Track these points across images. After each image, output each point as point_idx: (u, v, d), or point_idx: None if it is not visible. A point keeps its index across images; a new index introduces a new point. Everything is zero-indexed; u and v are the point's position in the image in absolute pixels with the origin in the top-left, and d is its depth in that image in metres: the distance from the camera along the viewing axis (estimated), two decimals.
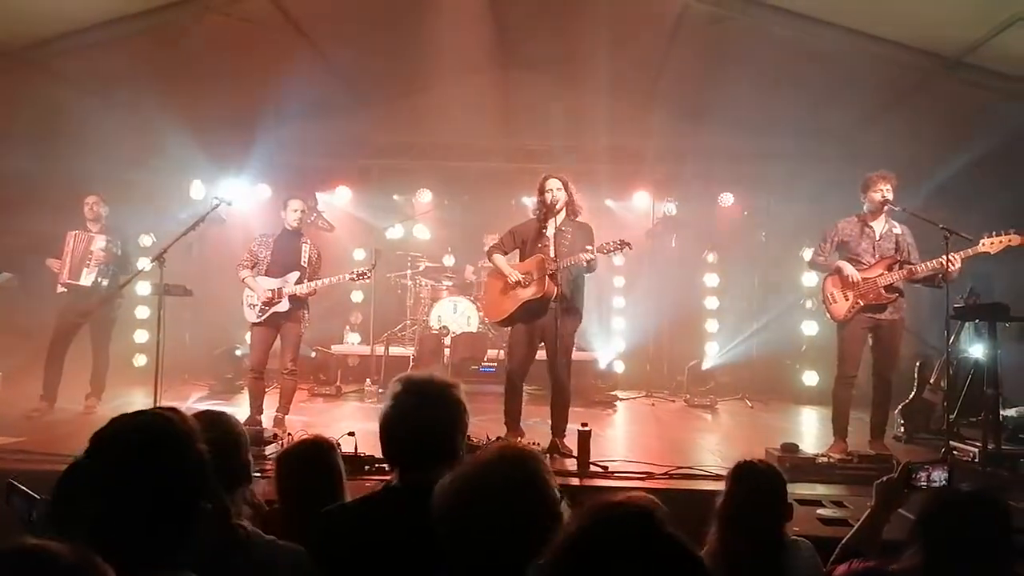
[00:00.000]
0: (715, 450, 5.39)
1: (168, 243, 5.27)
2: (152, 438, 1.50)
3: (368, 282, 6.45)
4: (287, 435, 5.01)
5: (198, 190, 8.92)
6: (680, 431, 6.47)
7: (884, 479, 2.59)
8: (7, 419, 5.65)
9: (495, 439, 4.55)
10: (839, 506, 3.93)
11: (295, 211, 5.83)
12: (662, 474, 4.43)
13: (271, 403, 5.90)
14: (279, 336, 5.79)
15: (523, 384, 5.31)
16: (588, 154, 8.90)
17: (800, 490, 4.10)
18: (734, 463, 2.55)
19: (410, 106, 8.81)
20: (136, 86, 6.94)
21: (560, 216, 5.13)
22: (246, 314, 5.79)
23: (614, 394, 7.83)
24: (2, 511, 2.05)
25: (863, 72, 6.64)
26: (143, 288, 7.88)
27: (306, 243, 5.90)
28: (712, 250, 9.39)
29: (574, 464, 4.53)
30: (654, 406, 7.75)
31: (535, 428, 5.14)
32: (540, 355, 5.32)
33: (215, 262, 8.64)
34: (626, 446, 5.63)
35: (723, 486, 2.52)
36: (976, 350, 5.78)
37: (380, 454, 4.13)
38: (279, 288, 5.68)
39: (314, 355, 8.29)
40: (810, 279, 8.17)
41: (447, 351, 8.05)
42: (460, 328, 8.27)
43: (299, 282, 5.70)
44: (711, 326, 9.27)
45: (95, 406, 6.42)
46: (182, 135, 7.72)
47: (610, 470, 4.48)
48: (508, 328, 5.51)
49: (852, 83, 6.79)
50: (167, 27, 6.52)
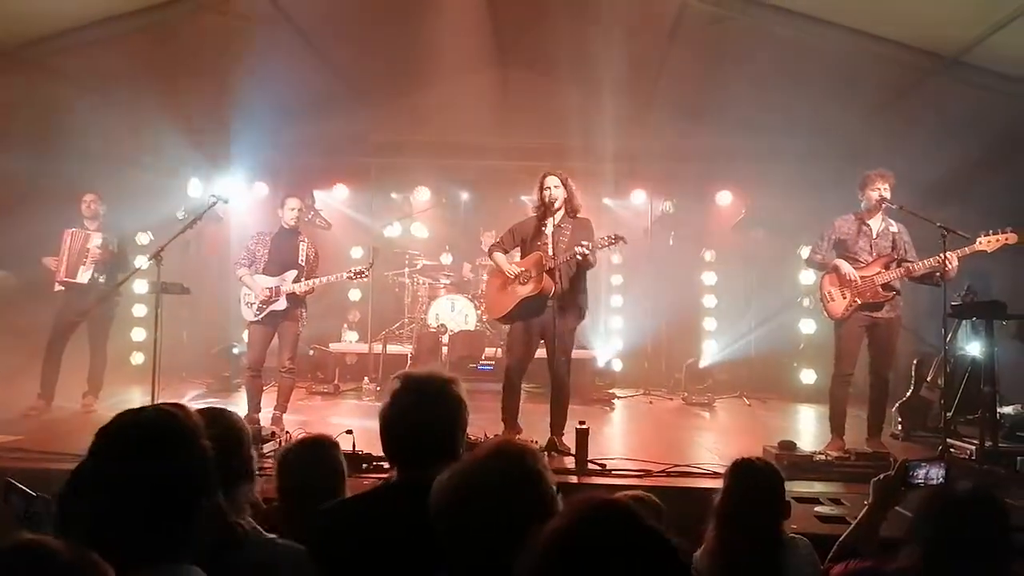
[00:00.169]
0: (713, 448, 5.39)
1: (165, 241, 5.27)
2: (156, 434, 1.50)
3: (366, 280, 6.45)
4: (285, 433, 5.02)
5: (195, 188, 8.91)
6: (678, 429, 6.48)
7: (881, 477, 2.60)
8: (5, 417, 5.65)
9: (493, 437, 4.55)
10: (837, 504, 3.94)
11: (292, 209, 5.83)
12: (660, 472, 4.44)
13: (269, 401, 5.90)
14: (277, 334, 5.78)
15: (521, 382, 5.30)
16: (586, 153, 8.90)
17: (798, 488, 4.11)
18: (732, 461, 2.56)
19: (408, 104, 8.80)
20: (133, 84, 6.93)
21: (559, 214, 5.13)
22: (243, 312, 5.79)
23: (612, 392, 7.83)
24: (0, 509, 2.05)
25: (862, 71, 6.64)
26: (140, 286, 7.91)
27: (303, 241, 5.89)
28: (710, 248, 9.41)
29: (572, 462, 4.54)
30: (652, 404, 7.76)
31: (533, 426, 5.14)
32: (540, 353, 5.32)
33: (213, 260, 8.65)
34: (624, 444, 5.64)
35: (721, 484, 2.53)
36: (973, 348, 5.79)
37: (378, 452, 4.16)
38: (276, 286, 5.67)
39: (312, 353, 8.29)
40: (808, 277, 8.19)
41: (445, 349, 8.05)
42: (458, 326, 8.27)
43: (296, 280, 5.69)
44: (709, 324, 9.29)
45: (92, 404, 6.41)
46: (179, 133, 7.72)
47: (608, 468, 4.49)
48: (507, 326, 5.51)
49: (851, 82, 6.79)
50: (164, 25, 6.51)
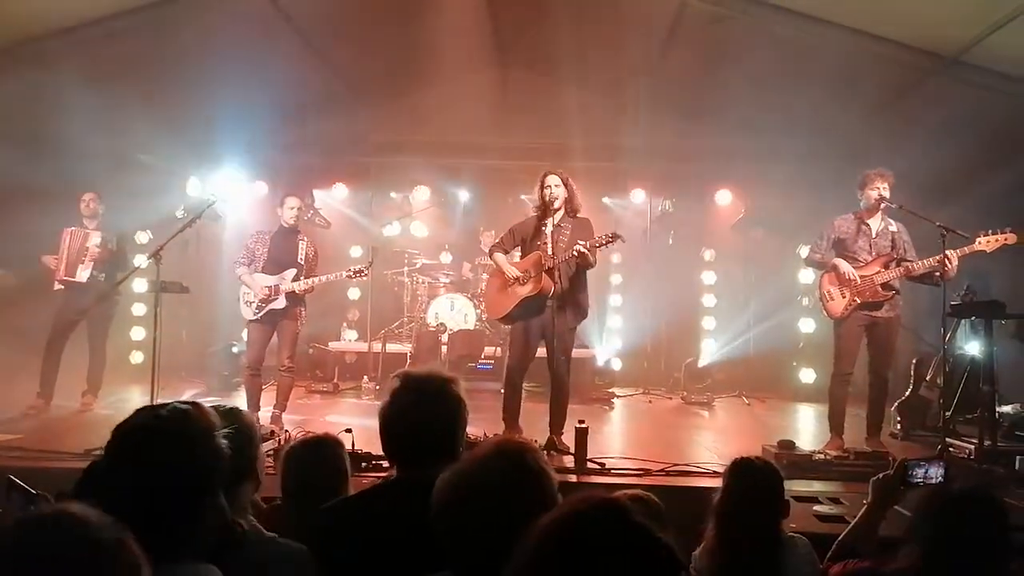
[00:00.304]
0: (712, 447, 5.40)
1: (165, 240, 5.26)
2: (174, 432, 1.52)
3: (365, 279, 6.45)
4: (284, 432, 5.02)
5: (195, 187, 8.91)
6: (677, 428, 6.48)
7: (881, 476, 2.60)
8: (4, 416, 5.65)
9: (493, 436, 4.55)
10: (836, 503, 3.94)
11: (292, 208, 5.83)
12: (659, 471, 4.45)
13: (268, 400, 5.90)
14: (276, 333, 5.78)
15: (523, 381, 5.29)
16: (585, 152, 8.90)
17: (797, 487, 4.12)
18: (731, 460, 2.56)
19: (408, 104, 8.80)
20: (132, 83, 6.92)
21: (559, 213, 5.13)
22: (242, 311, 5.79)
23: (611, 391, 7.84)
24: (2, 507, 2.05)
25: (862, 71, 6.64)
26: (140, 285, 7.91)
27: (303, 240, 5.89)
28: (709, 248, 9.41)
29: (571, 461, 4.54)
30: (651, 403, 7.76)
31: (533, 425, 5.14)
32: (540, 352, 5.32)
33: (212, 259, 8.63)
34: (623, 443, 5.64)
35: (720, 483, 2.53)
36: (972, 347, 5.79)
37: (377, 451, 4.16)
38: (276, 285, 5.67)
39: (311, 352, 8.29)
40: (807, 276, 8.19)
41: (444, 348, 8.05)
42: (457, 325, 8.27)
43: (296, 279, 5.69)
44: (708, 323, 9.29)
45: (92, 403, 6.41)
46: (178, 132, 7.71)
47: (607, 467, 4.49)
48: (507, 325, 5.51)
49: (851, 82, 6.79)
50: (163, 24, 6.50)
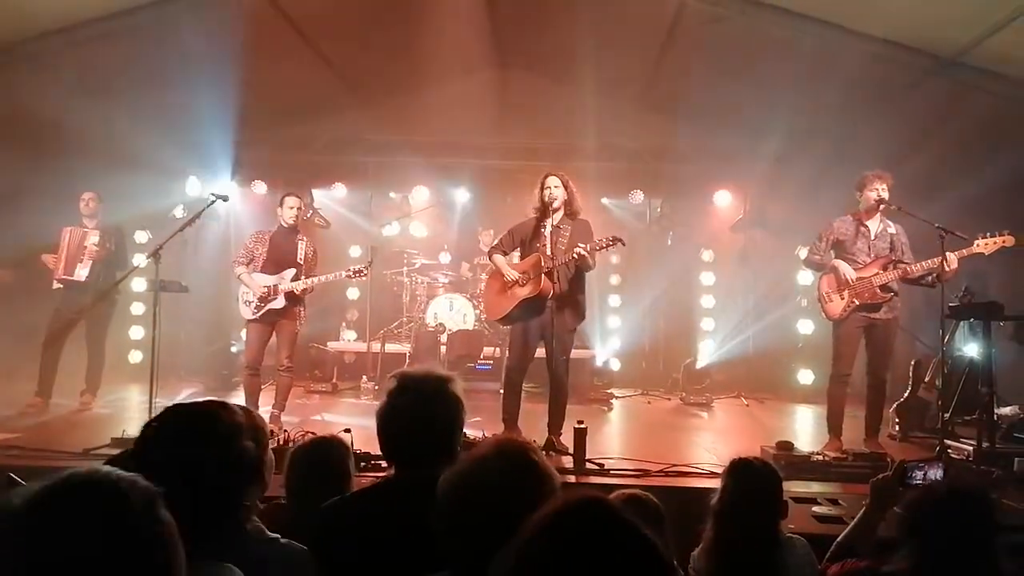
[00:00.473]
0: (710, 448, 5.39)
1: (164, 239, 5.26)
2: (202, 430, 1.53)
3: (364, 279, 6.45)
4: (283, 432, 5.01)
5: (194, 187, 8.91)
6: (676, 429, 6.48)
7: (880, 477, 2.60)
8: (2, 415, 5.65)
9: (491, 435, 4.55)
10: (834, 504, 3.93)
11: (291, 208, 5.82)
12: (658, 472, 4.44)
13: (267, 400, 5.89)
14: (275, 333, 5.77)
15: (522, 382, 5.29)
16: (584, 152, 8.91)
17: (795, 488, 4.12)
18: (729, 461, 2.56)
19: (407, 104, 8.79)
20: (132, 82, 6.92)
21: (558, 214, 5.13)
22: (241, 311, 5.78)
23: (610, 392, 7.85)
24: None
25: (860, 72, 6.65)
26: (139, 284, 7.91)
27: (302, 240, 5.89)
28: (708, 249, 9.42)
29: (570, 462, 4.54)
30: (650, 404, 7.76)
31: (532, 425, 5.14)
32: (539, 353, 5.32)
33: (211, 259, 8.63)
34: (622, 444, 5.64)
35: (719, 483, 2.53)
36: (971, 349, 5.79)
37: (376, 451, 4.15)
38: (275, 285, 5.66)
39: (311, 352, 8.28)
40: (806, 277, 8.19)
41: (443, 348, 8.05)
42: (456, 325, 8.27)
43: (295, 279, 5.69)
44: (707, 324, 9.30)
45: (90, 403, 6.41)
46: (178, 131, 7.70)
47: (606, 468, 4.49)
48: (506, 326, 5.51)
49: (849, 83, 6.79)
50: (162, 24, 6.50)
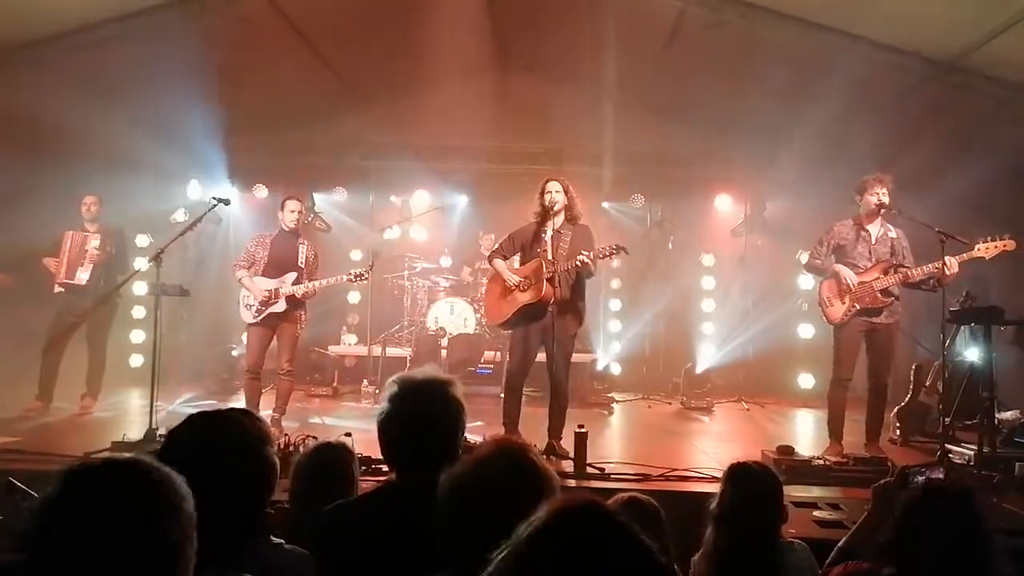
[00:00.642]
0: (711, 452, 5.39)
1: (165, 243, 5.27)
2: (228, 438, 1.54)
3: (365, 283, 6.45)
4: (284, 436, 5.01)
5: (195, 190, 8.92)
6: (676, 433, 6.47)
7: (882, 482, 2.61)
8: (3, 419, 5.64)
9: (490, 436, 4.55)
10: (835, 508, 3.93)
11: (292, 212, 5.83)
12: (658, 476, 4.44)
13: (267, 404, 5.89)
14: (276, 337, 5.77)
15: (522, 386, 5.29)
16: (585, 156, 8.92)
17: (796, 492, 4.11)
18: (728, 465, 2.56)
19: (408, 107, 8.82)
20: (134, 86, 6.93)
21: (559, 218, 5.14)
22: (242, 314, 5.78)
23: (611, 396, 7.84)
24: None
25: (860, 76, 6.65)
26: (140, 288, 7.91)
27: (303, 244, 5.89)
28: (708, 253, 9.42)
29: (571, 466, 4.54)
30: (651, 408, 7.75)
31: (532, 429, 5.14)
32: (540, 357, 5.32)
33: (212, 262, 8.63)
34: (623, 448, 5.64)
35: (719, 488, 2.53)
36: (972, 353, 5.79)
37: (376, 455, 4.15)
38: (275, 288, 5.67)
39: (312, 355, 8.28)
40: (806, 282, 8.19)
41: (444, 352, 8.05)
42: (457, 329, 8.27)
43: (296, 283, 5.69)
44: (707, 328, 9.29)
45: (91, 406, 6.40)
46: (179, 135, 7.71)
47: (607, 472, 4.49)
48: (507, 331, 5.51)
49: (849, 87, 6.80)
50: (164, 28, 6.51)
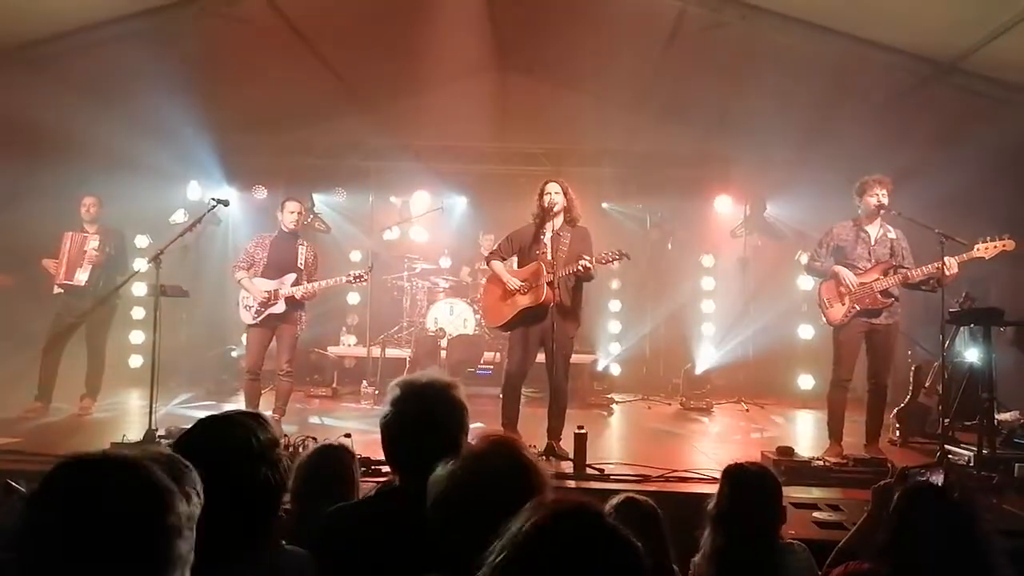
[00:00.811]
0: (711, 453, 5.39)
1: (165, 244, 5.27)
2: (241, 443, 1.55)
3: (365, 284, 6.45)
4: (283, 437, 5.01)
5: (195, 191, 8.92)
6: (676, 434, 6.46)
7: (881, 483, 2.61)
8: (2, 420, 5.64)
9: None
10: (835, 509, 3.93)
11: (292, 212, 5.83)
12: (658, 477, 4.44)
13: (267, 404, 5.89)
14: (275, 338, 5.77)
15: (521, 387, 5.30)
16: (585, 157, 8.92)
17: (796, 494, 4.12)
18: (724, 466, 2.56)
19: (408, 108, 8.82)
20: (133, 87, 6.93)
21: (558, 220, 5.14)
22: (242, 316, 5.78)
23: (610, 397, 7.84)
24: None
25: (860, 77, 6.66)
26: (139, 289, 7.90)
27: (302, 245, 5.89)
28: (708, 254, 9.42)
29: (570, 467, 4.54)
30: (650, 409, 7.75)
31: (532, 430, 5.14)
32: (539, 358, 5.32)
33: (211, 263, 8.63)
34: (622, 449, 5.64)
35: None
36: (971, 354, 5.79)
37: (376, 456, 4.15)
38: (275, 289, 5.67)
39: (312, 356, 8.28)
40: (806, 282, 8.19)
41: (443, 353, 8.05)
42: (456, 330, 8.27)
43: (295, 284, 5.69)
44: (707, 329, 9.29)
45: (90, 407, 6.40)
46: (179, 136, 7.72)
47: (606, 473, 4.49)
48: (506, 332, 5.51)
49: (849, 88, 6.81)
50: (164, 29, 6.50)
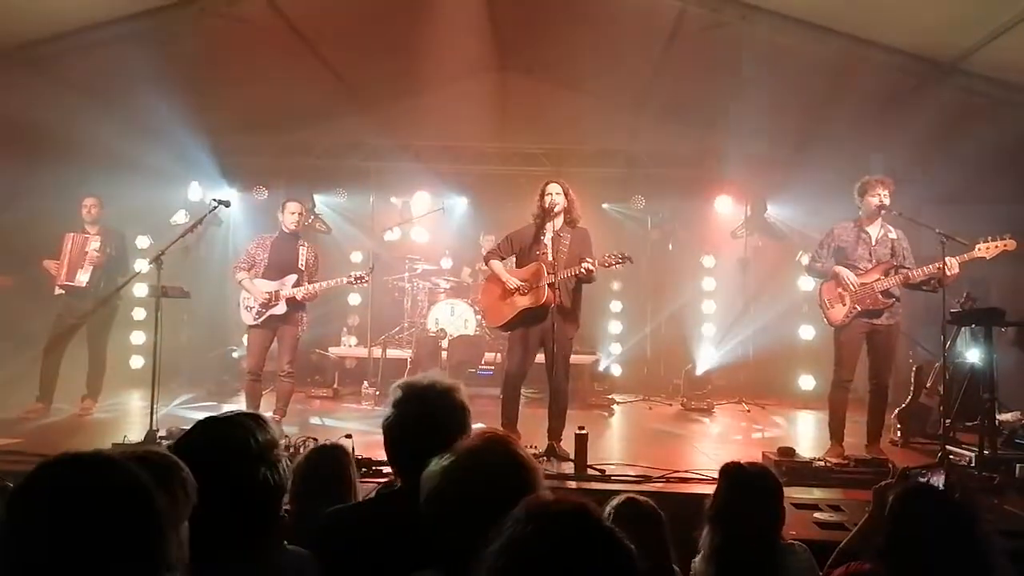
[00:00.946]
0: (712, 454, 5.38)
1: (166, 245, 5.27)
2: (234, 444, 1.56)
3: (366, 285, 6.45)
4: (284, 438, 5.01)
5: (196, 192, 8.92)
6: (677, 435, 6.46)
7: (883, 484, 2.60)
8: (3, 421, 5.65)
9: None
10: (836, 510, 3.92)
11: (292, 213, 5.83)
12: (659, 477, 4.44)
13: (267, 405, 5.89)
14: (276, 339, 5.77)
15: (521, 387, 5.30)
16: (585, 158, 8.92)
17: (797, 494, 4.11)
18: (721, 465, 2.55)
19: (408, 109, 8.82)
20: (134, 88, 6.94)
21: (558, 221, 5.14)
22: (243, 316, 5.78)
23: (611, 397, 7.84)
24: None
25: (860, 77, 6.66)
26: (140, 290, 7.89)
27: (303, 245, 5.89)
28: (709, 254, 9.42)
29: (571, 467, 4.54)
30: (651, 410, 7.74)
31: (532, 431, 5.15)
32: (539, 359, 5.32)
33: (212, 264, 8.64)
34: (623, 449, 5.64)
35: None
36: (972, 355, 5.79)
37: (377, 457, 4.16)
38: (276, 291, 5.67)
39: (313, 356, 8.28)
40: (807, 283, 8.18)
41: (444, 354, 8.05)
42: (457, 331, 8.26)
43: (296, 284, 5.69)
44: (708, 330, 9.28)
45: (91, 408, 6.41)
46: (179, 137, 7.72)
47: (607, 473, 4.49)
48: (506, 332, 5.51)
49: (850, 88, 6.81)
50: (164, 29, 6.51)
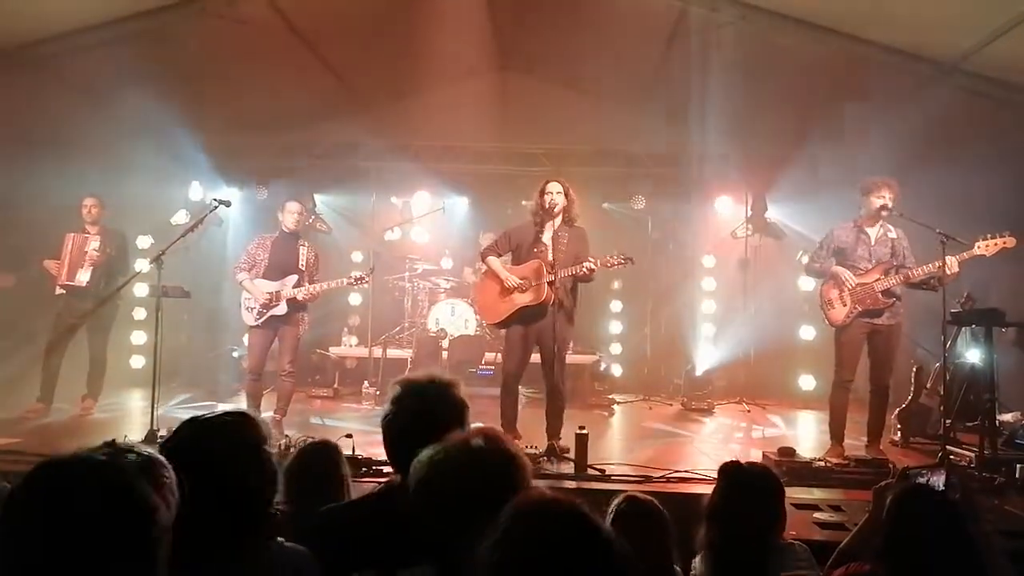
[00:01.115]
0: (712, 454, 5.38)
1: (166, 245, 5.27)
2: (227, 442, 1.56)
3: (367, 285, 6.45)
4: (284, 437, 5.02)
5: (196, 192, 8.92)
6: (677, 435, 6.46)
7: (883, 484, 2.60)
8: (3, 420, 5.65)
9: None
10: (836, 510, 3.93)
11: (293, 213, 5.83)
12: (659, 477, 4.44)
13: (268, 405, 5.89)
14: (277, 339, 5.78)
15: (518, 386, 5.30)
16: (585, 157, 8.92)
17: (797, 494, 4.11)
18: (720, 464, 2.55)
19: (408, 108, 8.82)
20: (134, 88, 6.93)
21: (557, 220, 5.14)
22: (244, 317, 5.79)
23: (611, 397, 7.84)
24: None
25: (861, 77, 6.66)
26: (141, 290, 7.90)
27: (304, 245, 5.90)
28: (709, 254, 9.41)
29: (571, 467, 4.54)
30: (651, 409, 7.74)
31: (532, 431, 5.15)
32: (535, 358, 5.32)
33: (213, 264, 8.64)
34: (623, 449, 5.63)
35: None
36: (973, 355, 5.78)
37: (377, 456, 4.16)
38: (277, 291, 5.67)
39: (314, 356, 8.29)
40: (807, 283, 8.18)
41: (445, 354, 8.05)
42: (458, 331, 8.27)
43: (297, 285, 5.69)
44: (708, 330, 9.27)
45: (92, 408, 6.41)
46: (180, 137, 7.72)
47: (607, 473, 4.49)
48: (502, 329, 5.51)
49: (850, 88, 6.80)
50: (164, 29, 6.51)
